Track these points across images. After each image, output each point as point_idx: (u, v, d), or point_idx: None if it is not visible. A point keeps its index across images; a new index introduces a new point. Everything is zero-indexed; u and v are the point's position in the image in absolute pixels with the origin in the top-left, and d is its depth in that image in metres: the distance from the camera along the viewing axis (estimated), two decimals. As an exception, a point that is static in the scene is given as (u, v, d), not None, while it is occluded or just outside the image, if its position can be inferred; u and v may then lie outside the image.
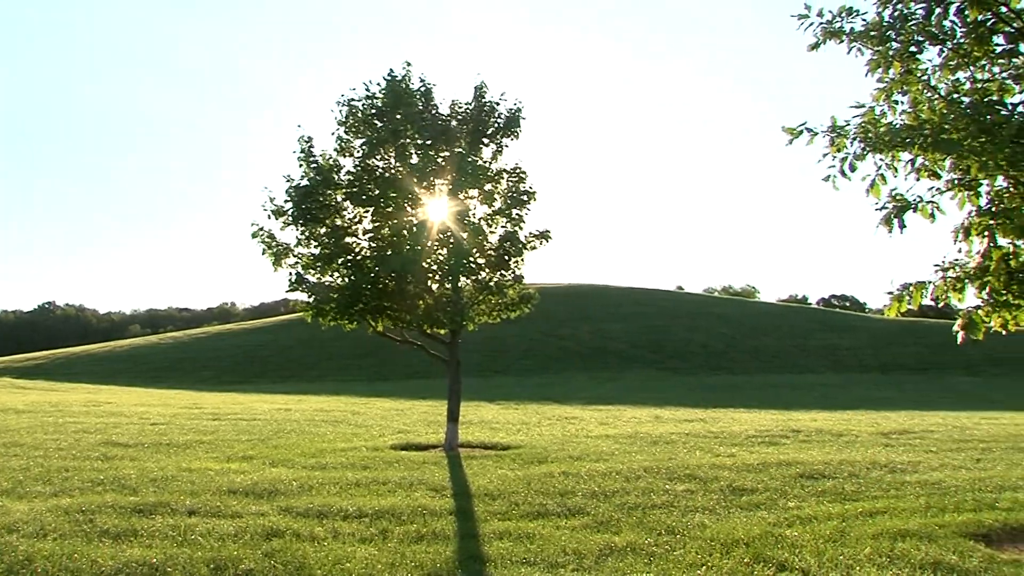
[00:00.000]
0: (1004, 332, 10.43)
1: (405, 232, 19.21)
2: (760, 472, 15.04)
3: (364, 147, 19.58)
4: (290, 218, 19.36)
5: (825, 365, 67.15)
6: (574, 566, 9.06)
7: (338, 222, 19.61)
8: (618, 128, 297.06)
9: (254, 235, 19.47)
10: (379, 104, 19.55)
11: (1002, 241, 9.98)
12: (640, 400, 39.50)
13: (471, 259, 19.52)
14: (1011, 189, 10.01)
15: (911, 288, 10.44)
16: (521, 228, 20.22)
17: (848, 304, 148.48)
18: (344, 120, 19.70)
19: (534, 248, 20.38)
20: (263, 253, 19.47)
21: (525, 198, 20.19)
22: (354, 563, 9.17)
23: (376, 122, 19.55)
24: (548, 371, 62.70)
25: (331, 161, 19.68)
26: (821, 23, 10.80)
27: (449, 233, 19.34)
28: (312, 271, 19.48)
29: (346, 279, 19.33)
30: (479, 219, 19.88)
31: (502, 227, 20.15)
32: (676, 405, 36.35)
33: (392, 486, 13.82)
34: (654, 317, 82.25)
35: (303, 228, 19.43)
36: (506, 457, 17.45)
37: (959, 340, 10.36)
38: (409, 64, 19.78)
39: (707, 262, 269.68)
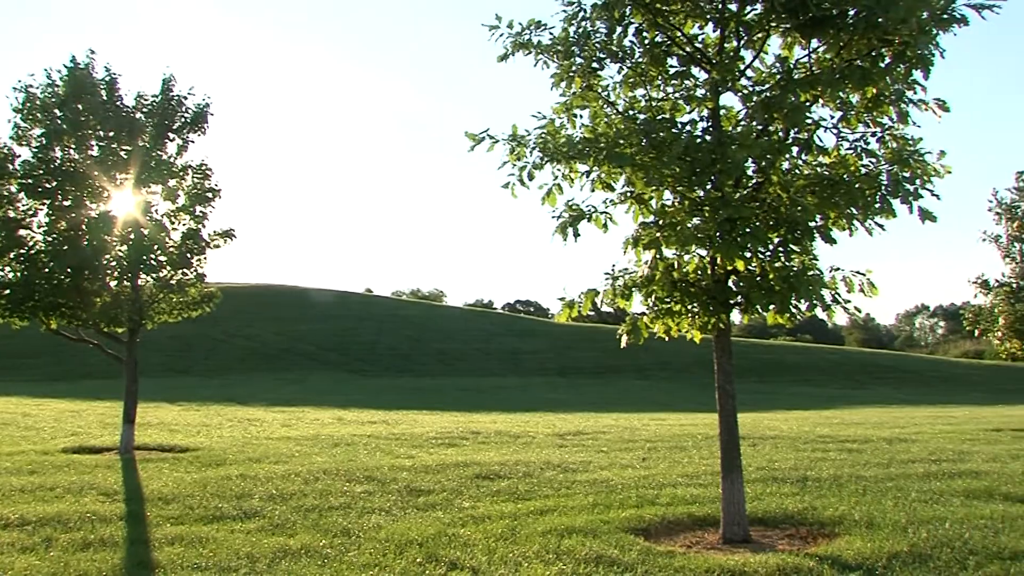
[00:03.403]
0: (667, 338, 11.06)
1: (84, 227, 18.48)
2: (438, 473, 15.29)
3: (43, 137, 18.64)
4: (-43, 208, 18.19)
5: (508, 368, 68.95)
6: (246, 570, 8.93)
7: (11, 214, 18.54)
8: (309, 129, 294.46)
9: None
10: (60, 93, 18.69)
11: (667, 252, 10.56)
12: (325, 402, 39.34)
13: (152, 256, 18.97)
14: (677, 203, 10.60)
15: (582, 295, 10.91)
16: (204, 226, 19.85)
17: (532, 309, 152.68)
18: (21, 108, 18.68)
19: (218, 247, 20.08)
20: (-74, 243, 18.21)
21: (210, 195, 19.85)
22: (12, 574, 8.72)
23: (56, 111, 18.66)
24: (233, 372, 61.49)
25: (5, 150, 18.64)
26: (511, 35, 11.05)
27: (130, 229, 18.73)
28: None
29: (18, 274, 18.37)
30: (162, 215, 19.38)
31: (185, 224, 19.68)
32: (360, 407, 36.42)
33: (60, 491, 13.21)
34: (342, 319, 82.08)
35: (-28, 219, 18.29)
36: (183, 460, 17.04)
37: (622, 344, 10.91)
38: (93, 52, 19.06)
39: (396, 265, 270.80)
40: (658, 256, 10.54)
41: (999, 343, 30.62)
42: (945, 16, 9.30)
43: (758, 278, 10.17)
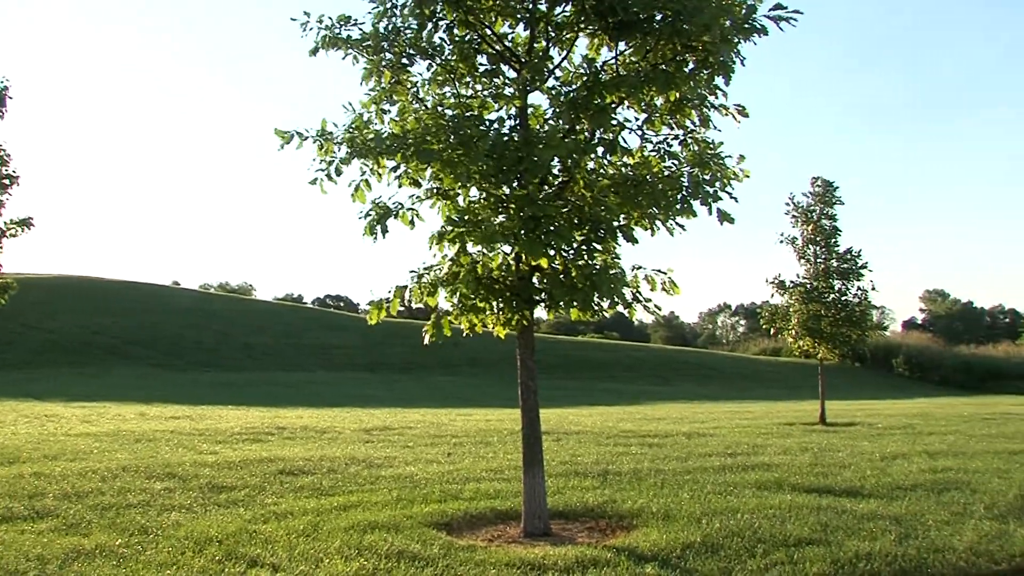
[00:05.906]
0: (470, 335, 11.15)
1: None
2: (241, 469, 15.04)
3: None
4: None
5: (317, 363, 68.25)
6: (36, 572, 8.59)
7: None
8: (115, 118, 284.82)
9: None
10: None
11: (472, 249, 10.65)
12: (128, 397, 38.21)
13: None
14: (483, 200, 10.70)
15: (390, 295, 10.90)
16: (0, 214, 19.11)
17: (342, 304, 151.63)
18: None
19: (15, 235, 19.36)
20: None
21: (7, 182, 19.14)
22: None
23: None
24: (30, 366, 59.01)
25: None
26: (320, 29, 10.97)
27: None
28: None
29: None
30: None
31: (-20, 213, 18.95)
32: (165, 402, 35.55)
33: None
34: (148, 312, 79.78)
35: None
36: (-28, 458, 16.33)
37: (425, 341, 10.95)
38: None
39: (204, 259, 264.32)
40: (463, 253, 10.62)
41: (793, 341, 31.96)
42: (747, 26, 9.67)
43: (561, 276, 10.34)
